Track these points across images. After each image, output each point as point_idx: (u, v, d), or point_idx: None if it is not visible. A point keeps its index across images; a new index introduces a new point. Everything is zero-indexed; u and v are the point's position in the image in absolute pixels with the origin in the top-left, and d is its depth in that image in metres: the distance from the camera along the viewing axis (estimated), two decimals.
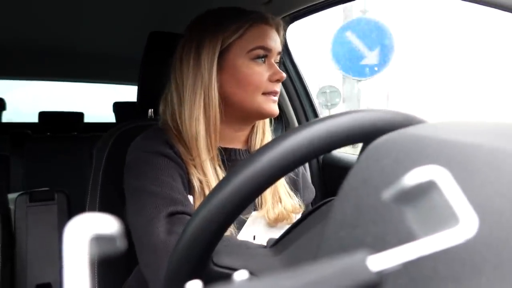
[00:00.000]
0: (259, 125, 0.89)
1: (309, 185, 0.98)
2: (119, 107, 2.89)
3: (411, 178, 0.19)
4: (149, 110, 1.13)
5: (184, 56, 0.81)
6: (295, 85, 1.52)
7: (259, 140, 0.89)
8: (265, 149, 0.39)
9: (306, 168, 1.06)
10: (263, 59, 0.80)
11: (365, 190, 0.30)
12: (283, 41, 0.88)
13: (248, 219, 0.80)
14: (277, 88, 0.81)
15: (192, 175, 0.76)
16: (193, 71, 0.79)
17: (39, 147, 2.43)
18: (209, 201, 0.39)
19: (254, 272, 0.43)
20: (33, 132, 2.60)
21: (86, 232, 0.17)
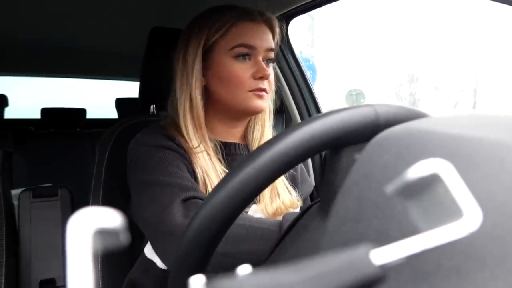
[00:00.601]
0: (257, 121, 0.90)
1: (307, 178, 0.99)
2: (121, 103, 2.88)
3: (414, 172, 0.19)
4: (151, 106, 1.13)
5: (177, 54, 0.84)
6: (297, 80, 1.51)
7: (257, 135, 0.89)
8: (275, 140, 0.39)
9: (307, 162, 1.06)
10: (246, 56, 0.80)
11: (367, 185, 0.30)
12: (281, 37, 0.87)
13: (248, 212, 0.81)
14: (262, 85, 0.80)
15: (195, 164, 0.78)
16: (180, 69, 0.82)
17: (42, 143, 2.43)
18: (218, 190, 0.39)
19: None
20: (35, 129, 2.60)
21: (90, 227, 0.17)
